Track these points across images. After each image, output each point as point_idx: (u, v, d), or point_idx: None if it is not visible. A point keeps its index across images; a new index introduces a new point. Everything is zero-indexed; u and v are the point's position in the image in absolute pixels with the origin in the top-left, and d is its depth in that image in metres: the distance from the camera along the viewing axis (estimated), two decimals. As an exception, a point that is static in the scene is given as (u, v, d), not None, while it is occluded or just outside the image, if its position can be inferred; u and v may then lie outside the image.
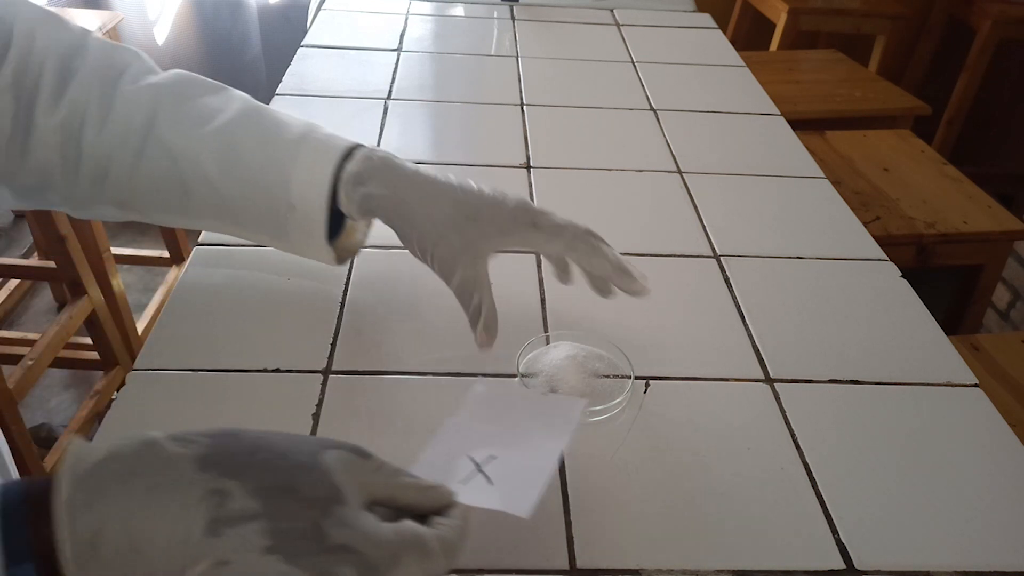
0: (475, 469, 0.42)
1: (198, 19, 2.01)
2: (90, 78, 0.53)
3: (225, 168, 0.53)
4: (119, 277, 1.56)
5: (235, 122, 0.54)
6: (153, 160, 0.53)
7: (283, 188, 0.53)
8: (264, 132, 0.54)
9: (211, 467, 0.31)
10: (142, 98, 0.54)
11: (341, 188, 0.52)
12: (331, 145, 0.54)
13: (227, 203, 0.54)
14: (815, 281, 0.66)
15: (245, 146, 0.53)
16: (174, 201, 0.55)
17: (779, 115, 0.96)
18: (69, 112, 0.52)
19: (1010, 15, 2.11)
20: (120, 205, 0.56)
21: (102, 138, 0.53)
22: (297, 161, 0.53)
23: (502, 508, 0.40)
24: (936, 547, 0.45)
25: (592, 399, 0.52)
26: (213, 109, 0.54)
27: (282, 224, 0.54)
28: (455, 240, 0.50)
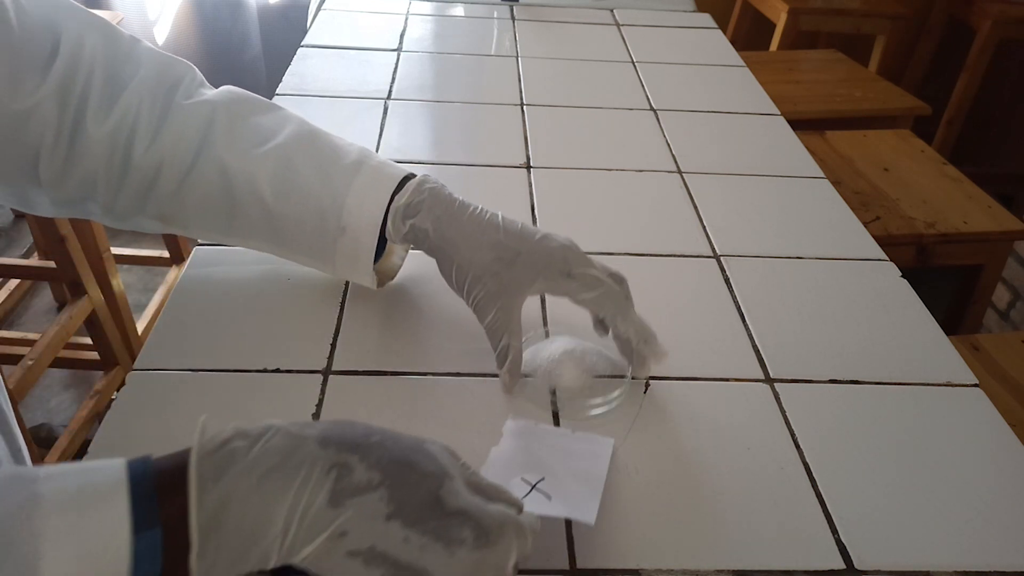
0: (530, 488, 0.44)
1: (198, 19, 2.01)
2: (142, 89, 0.53)
3: (280, 189, 0.54)
4: (119, 277, 1.56)
5: (290, 144, 0.55)
6: (204, 176, 0.54)
7: (336, 213, 0.54)
8: (320, 156, 0.55)
9: (331, 444, 0.33)
10: (196, 113, 0.54)
11: (391, 218, 0.54)
12: (386, 173, 0.55)
13: (276, 224, 0.55)
14: (815, 281, 0.66)
15: (301, 168, 0.54)
16: (220, 218, 0.55)
17: (779, 115, 0.96)
18: (119, 122, 0.52)
19: (1010, 15, 2.10)
20: (163, 219, 0.56)
21: (153, 151, 0.53)
22: (352, 187, 0.54)
23: (568, 515, 0.42)
24: (936, 547, 0.45)
25: (590, 394, 0.52)
26: (268, 130, 0.55)
27: (330, 247, 0.55)
28: (491, 284, 0.51)
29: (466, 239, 0.52)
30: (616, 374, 0.54)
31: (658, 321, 0.60)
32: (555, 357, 0.55)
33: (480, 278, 0.52)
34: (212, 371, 0.53)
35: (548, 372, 0.54)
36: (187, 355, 0.54)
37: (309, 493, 0.32)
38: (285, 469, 0.32)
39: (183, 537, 0.30)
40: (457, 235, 0.53)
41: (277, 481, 0.32)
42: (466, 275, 0.52)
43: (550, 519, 0.44)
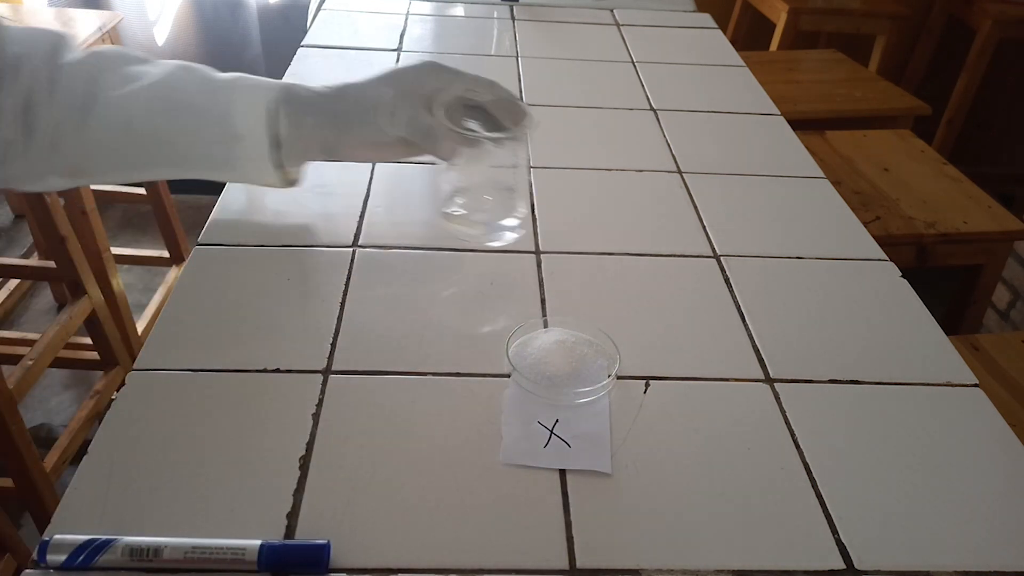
0: (550, 433, 0.49)
1: (198, 19, 2.01)
2: (34, 57, 0.58)
3: (170, 111, 0.59)
4: (119, 277, 1.56)
5: (172, 74, 0.60)
6: (100, 120, 0.58)
7: (228, 121, 0.59)
8: (200, 78, 0.61)
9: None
10: (83, 67, 0.59)
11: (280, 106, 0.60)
12: (263, 80, 0.62)
13: (174, 145, 0.60)
14: (815, 281, 0.66)
15: (187, 89, 0.60)
16: (122, 156, 0.60)
17: (779, 115, 0.96)
18: (21, 91, 0.57)
19: (1010, 15, 2.10)
20: (71, 173, 0.60)
21: (50, 111, 0.58)
22: (234, 96, 0.60)
23: (588, 467, 0.48)
24: (936, 547, 0.45)
25: (578, 382, 0.53)
26: (148, 71, 0.61)
27: (232, 155, 0.60)
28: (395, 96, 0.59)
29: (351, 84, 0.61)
30: (607, 366, 0.55)
31: (658, 321, 0.61)
32: (546, 346, 0.55)
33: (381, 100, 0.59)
34: (212, 371, 0.53)
35: (538, 360, 0.54)
36: (187, 355, 0.54)
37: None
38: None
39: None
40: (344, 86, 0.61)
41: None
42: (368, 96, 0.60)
43: (550, 519, 0.44)
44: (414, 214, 0.71)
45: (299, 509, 0.44)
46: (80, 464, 0.45)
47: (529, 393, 0.52)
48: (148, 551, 0.40)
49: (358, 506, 0.44)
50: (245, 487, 0.45)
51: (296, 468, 0.46)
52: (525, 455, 0.48)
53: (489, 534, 0.43)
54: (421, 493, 0.45)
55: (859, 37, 2.18)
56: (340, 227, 0.68)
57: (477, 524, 0.44)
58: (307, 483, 0.45)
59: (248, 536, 0.41)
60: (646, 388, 0.54)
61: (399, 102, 0.58)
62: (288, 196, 0.68)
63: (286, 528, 0.43)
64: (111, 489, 0.44)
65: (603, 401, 0.52)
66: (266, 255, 0.64)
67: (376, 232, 0.68)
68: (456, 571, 0.42)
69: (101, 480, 0.44)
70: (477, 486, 0.46)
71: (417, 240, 0.67)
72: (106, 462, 0.46)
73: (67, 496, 0.44)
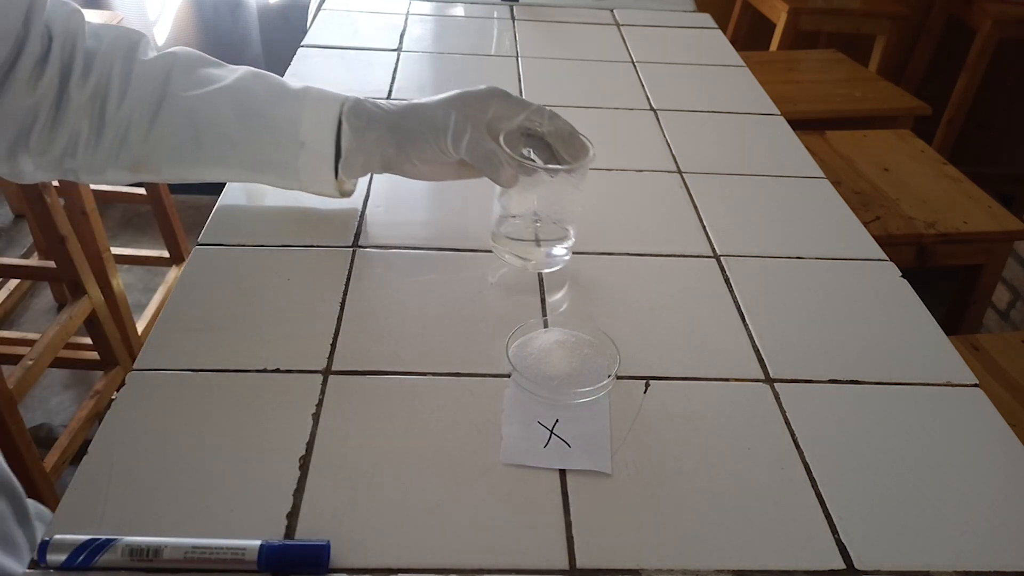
0: (550, 433, 0.50)
1: (198, 19, 2.01)
2: (111, 53, 0.60)
3: (239, 114, 0.61)
4: (119, 277, 1.56)
5: (243, 79, 0.63)
6: (169, 118, 0.61)
7: (294, 130, 0.62)
8: (270, 85, 0.63)
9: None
10: (156, 67, 0.61)
11: (345, 119, 0.62)
12: (331, 93, 0.64)
13: (239, 148, 0.62)
14: (815, 281, 0.66)
15: (256, 96, 0.62)
16: (187, 154, 0.62)
17: (779, 115, 0.96)
18: (95, 86, 0.59)
19: (1010, 15, 2.10)
20: (134, 167, 0.62)
21: (124, 105, 0.60)
22: (304, 106, 0.62)
23: (588, 467, 0.48)
24: (936, 547, 0.45)
25: (578, 382, 0.53)
26: (220, 74, 0.63)
27: (292, 163, 0.63)
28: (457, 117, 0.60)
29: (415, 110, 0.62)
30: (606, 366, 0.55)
31: (658, 321, 0.61)
32: (546, 346, 0.56)
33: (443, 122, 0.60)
34: (212, 371, 0.53)
35: (538, 360, 0.54)
36: (187, 355, 0.54)
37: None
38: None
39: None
40: (406, 113, 0.62)
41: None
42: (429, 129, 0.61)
43: (550, 519, 0.44)
44: (414, 214, 0.71)
45: (299, 509, 0.44)
46: (80, 464, 0.45)
47: (529, 393, 0.52)
48: (148, 551, 0.40)
49: (358, 506, 0.44)
50: (245, 487, 0.45)
51: (296, 468, 0.46)
52: (525, 455, 0.48)
53: (489, 534, 0.43)
54: (421, 493, 0.45)
55: (859, 37, 2.18)
56: (340, 227, 0.68)
57: (477, 524, 0.44)
58: (307, 483, 0.45)
59: (248, 536, 0.41)
60: (646, 388, 0.54)
61: (463, 125, 0.60)
62: (288, 196, 0.68)
63: (286, 528, 0.43)
64: (111, 489, 0.44)
65: (603, 401, 0.52)
66: (266, 255, 0.64)
67: (376, 232, 0.68)
68: (456, 571, 0.42)
69: (101, 480, 0.44)
70: (477, 486, 0.46)
71: (417, 240, 0.67)
72: (106, 462, 0.46)
73: (67, 496, 0.44)
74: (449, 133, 0.60)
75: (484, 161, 0.59)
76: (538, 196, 0.62)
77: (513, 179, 0.59)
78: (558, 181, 0.61)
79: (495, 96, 0.62)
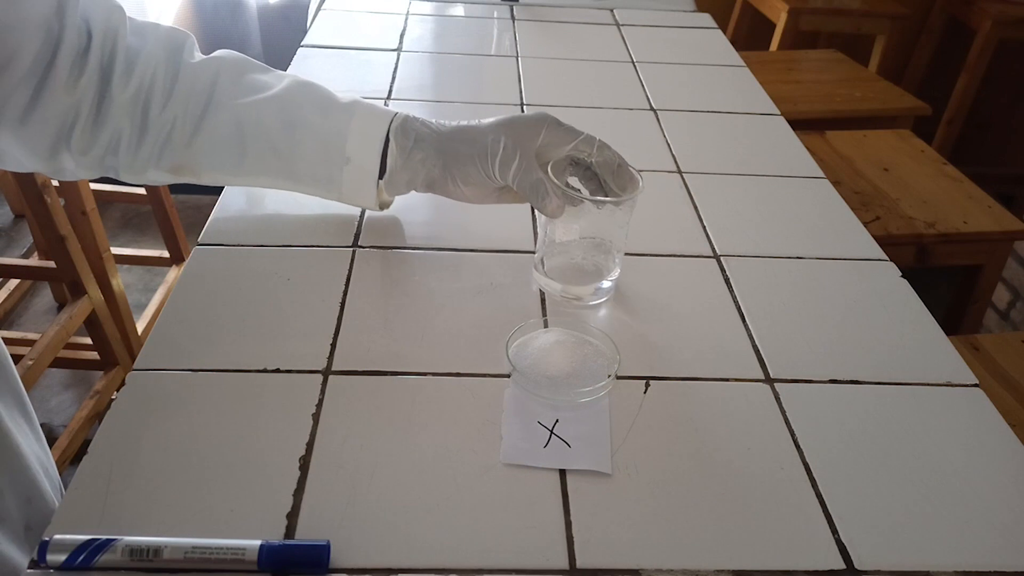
0: (550, 434, 0.50)
1: (198, 19, 2.01)
2: (154, 55, 0.59)
3: (285, 125, 0.60)
4: (119, 277, 1.56)
5: (291, 88, 0.62)
6: (215, 124, 0.60)
7: (340, 144, 0.61)
8: (319, 97, 0.62)
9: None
10: (203, 70, 0.60)
11: (393, 136, 0.61)
12: (380, 109, 0.63)
13: (284, 158, 0.61)
14: (815, 281, 0.66)
15: (304, 106, 0.61)
16: (232, 160, 0.61)
17: (779, 115, 0.96)
18: (139, 86, 0.59)
19: (1010, 15, 2.10)
20: (175, 170, 0.62)
21: (169, 107, 0.59)
22: (352, 121, 0.61)
23: (588, 467, 0.48)
24: (936, 547, 0.45)
25: (578, 382, 0.53)
26: (267, 82, 0.62)
27: (336, 177, 0.62)
28: (506, 141, 0.59)
29: (463, 132, 0.61)
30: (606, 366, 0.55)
31: (658, 321, 0.61)
32: (546, 346, 0.56)
33: (492, 146, 0.59)
34: (212, 371, 0.53)
35: (539, 360, 0.54)
36: (187, 355, 0.54)
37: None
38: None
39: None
40: (454, 134, 0.61)
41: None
42: (478, 152, 0.60)
43: (550, 519, 0.44)
44: (414, 214, 0.71)
45: (299, 509, 0.44)
46: (80, 464, 0.45)
47: (529, 393, 0.52)
48: (148, 551, 0.40)
49: (358, 506, 0.44)
50: (245, 487, 0.45)
51: (296, 468, 0.46)
52: (525, 455, 0.48)
53: (489, 534, 0.43)
54: (421, 493, 0.45)
55: (859, 37, 2.18)
56: (340, 227, 0.68)
57: (477, 524, 0.44)
58: (307, 483, 0.45)
59: (248, 536, 0.41)
60: (646, 388, 0.54)
61: (511, 152, 0.59)
62: (288, 196, 0.68)
63: (286, 528, 0.43)
64: (111, 489, 0.44)
65: (603, 401, 0.52)
66: (266, 255, 0.64)
67: (376, 232, 0.68)
68: (456, 571, 0.42)
69: (101, 480, 0.44)
70: (477, 486, 0.46)
71: (417, 240, 0.67)
72: (106, 462, 0.46)
73: (67, 496, 0.44)
74: (497, 159, 0.59)
75: (531, 191, 0.58)
76: (584, 226, 0.60)
77: (559, 210, 0.58)
78: (605, 212, 0.59)
79: (546, 123, 0.60)
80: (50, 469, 0.61)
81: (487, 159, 0.59)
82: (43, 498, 0.57)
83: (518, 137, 0.59)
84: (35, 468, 0.57)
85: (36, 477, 0.57)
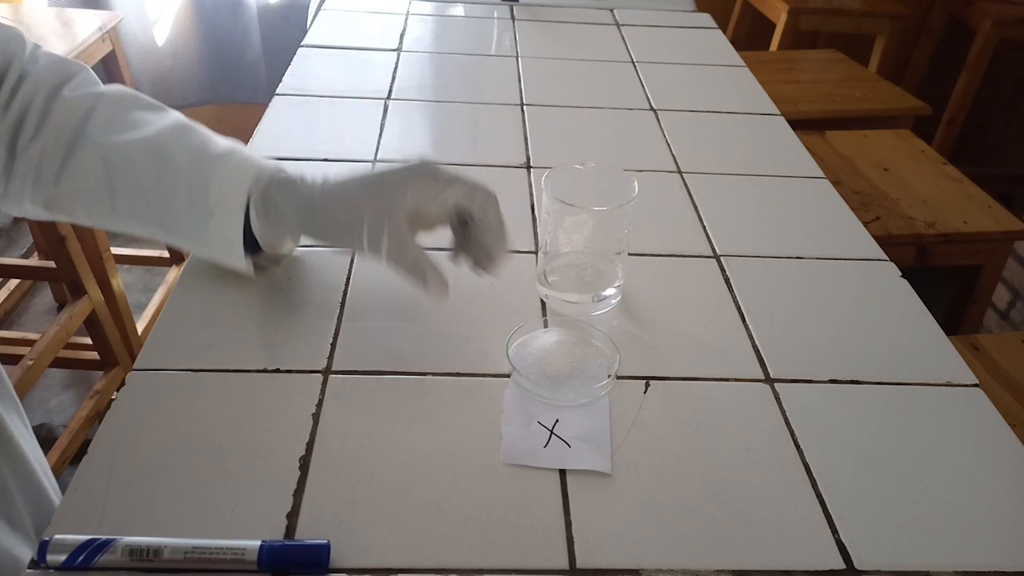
0: (550, 434, 0.49)
1: (198, 19, 2.01)
2: (37, 81, 0.56)
3: (153, 172, 0.55)
4: (119, 277, 1.55)
5: (166, 132, 0.56)
6: (82, 162, 0.55)
7: (203, 195, 0.55)
8: (192, 143, 0.56)
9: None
10: (78, 104, 0.56)
11: (252, 204, 0.54)
12: (251, 161, 0.56)
13: (153, 206, 0.56)
14: (815, 281, 0.66)
15: (174, 153, 0.55)
16: (102, 202, 0.56)
17: (779, 115, 0.96)
18: (16, 114, 0.55)
19: (1010, 15, 2.11)
20: (47, 205, 0.57)
21: (36, 139, 0.55)
22: (217, 171, 0.55)
23: (588, 467, 0.48)
24: (936, 547, 0.45)
25: (579, 382, 0.53)
26: (146, 121, 0.57)
27: (202, 231, 0.55)
28: (371, 213, 0.52)
29: (332, 197, 0.54)
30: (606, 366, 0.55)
31: (658, 321, 0.61)
32: (546, 346, 0.56)
33: (358, 218, 0.52)
34: (212, 371, 0.53)
35: (539, 360, 0.54)
36: (187, 355, 0.54)
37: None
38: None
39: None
40: (322, 200, 0.54)
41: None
42: (345, 225, 0.53)
43: (550, 519, 0.44)
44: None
45: (299, 509, 0.44)
46: (80, 464, 0.45)
47: (529, 393, 0.52)
48: (148, 551, 0.40)
49: (358, 506, 0.44)
50: (245, 487, 0.45)
51: (296, 468, 0.46)
52: (525, 455, 0.48)
53: (489, 534, 0.43)
54: (421, 493, 0.45)
55: (859, 37, 2.18)
56: (340, 227, 0.68)
57: (477, 524, 0.44)
58: (307, 483, 0.45)
59: (248, 536, 0.41)
60: (646, 388, 0.54)
61: (378, 227, 0.52)
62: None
63: (286, 528, 0.43)
64: (111, 489, 0.44)
65: (603, 401, 0.52)
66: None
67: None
68: (456, 571, 0.42)
69: (101, 480, 0.44)
70: (477, 486, 0.46)
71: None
72: (106, 462, 0.46)
73: (67, 496, 0.44)
74: (364, 238, 0.52)
75: (408, 272, 0.52)
76: (586, 234, 0.59)
77: (444, 290, 0.52)
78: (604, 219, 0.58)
79: (418, 177, 0.53)
80: (49, 474, 0.61)
81: (353, 238, 0.53)
82: (49, 502, 0.57)
83: (384, 204, 0.52)
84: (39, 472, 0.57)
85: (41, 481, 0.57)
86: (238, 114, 2.10)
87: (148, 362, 0.53)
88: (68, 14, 1.54)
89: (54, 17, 1.52)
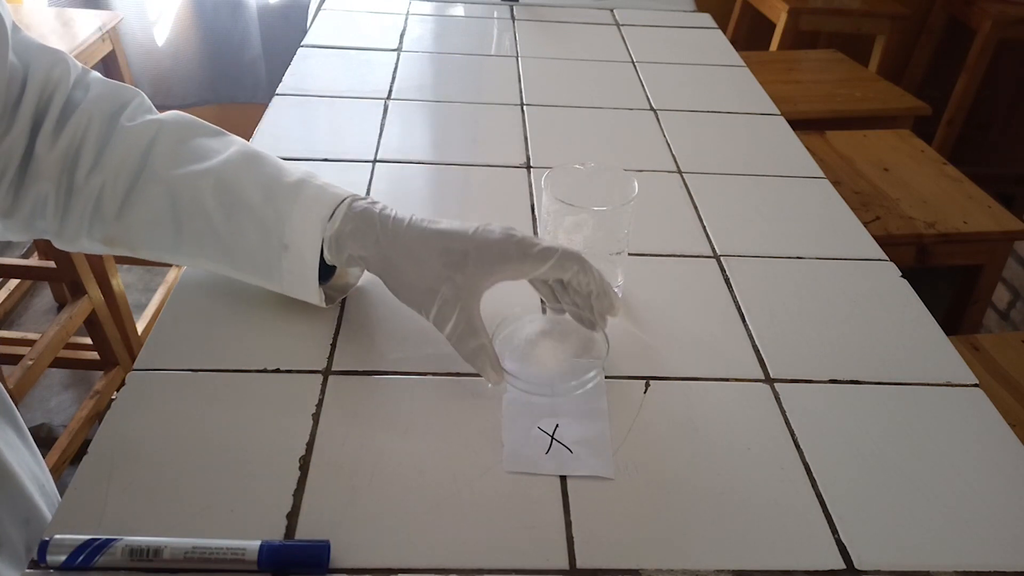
0: (551, 439, 0.49)
1: (198, 19, 2.01)
2: (89, 112, 0.53)
3: (224, 204, 0.53)
4: (119, 277, 1.56)
5: (234, 161, 0.54)
6: (147, 195, 0.53)
7: (279, 230, 0.53)
8: (263, 173, 0.54)
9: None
10: (139, 134, 0.54)
11: (326, 245, 0.53)
12: (328, 193, 0.54)
13: (222, 240, 0.54)
14: (815, 281, 0.66)
15: (245, 184, 0.53)
16: (167, 237, 0.54)
17: (779, 115, 0.96)
18: (67, 146, 0.52)
19: (1010, 15, 2.11)
20: (108, 241, 0.55)
21: (95, 173, 0.53)
22: (295, 205, 0.53)
23: (590, 473, 0.47)
24: (936, 547, 0.45)
25: (567, 376, 0.53)
26: (212, 149, 0.55)
27: (275, 265, 0.54)
28: (447, 291, 0.51)
29: (410, 254, 0.52)
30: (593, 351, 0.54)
31: (658, 321, 0.61)
32: (532, 338, 0.55)
33: (433, 288, 0.51)
34: (212, 371, 0.53)
35: (526, 356, 0.54)
36: (187, 355, 0.54)
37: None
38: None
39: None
40: (399, 254, 0.52)
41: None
42: (418, 289, 0.52)
43: (550, 519, 0.44)
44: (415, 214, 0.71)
45: (299, 509, 0.44)
46: (80, 464, 0.45)
47: (524, 393, 0.52)
48: (148, 551, 0.40)
49: (358, 506, 0.44)
50: (245, 487, 0.45)
51: (296, 468, 0.46)
52: (527, 463, 0.48)
53: (489, 534, 0.43)
54: (421, 493, 0.45)
55: (859, 37, 2.18)
56: (340, 227, 0.68)
57: (477, 524, 0.44)
58: (307, 483, 0.45)
59: (248, 536, 0.41)
60: (646, 388, 0.54)
61: (450, 307, 0.50)
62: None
63: (286, 528, 0.43)
64: (111, 489, 0.44)
65: (603, 401, 0.52)
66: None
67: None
68: (456, 571, 0.42)
69: (101, 480, 0.44)
70: (477, 486, 0.46)
71: (417, 240, 0.67)
72: (106, 462, 0.46)
73: (67, 496, 0.44)
74: (431, 315, 0.51)
75: (468, 357, 0.51)
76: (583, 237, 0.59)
77: (498, 378, 0.51)
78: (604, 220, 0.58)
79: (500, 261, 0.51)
80: (46, 485, 0.59)
81: (421, 308, 0.52)
82: (40, 518, 0.56)
83: (462, 285, 0.50)
84: (30, 488, 0.56)
85: (32, 497, 0.56)
86: (238, 114, 2.10)
87: (148, 362, 0.53)
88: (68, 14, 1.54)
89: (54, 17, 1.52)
